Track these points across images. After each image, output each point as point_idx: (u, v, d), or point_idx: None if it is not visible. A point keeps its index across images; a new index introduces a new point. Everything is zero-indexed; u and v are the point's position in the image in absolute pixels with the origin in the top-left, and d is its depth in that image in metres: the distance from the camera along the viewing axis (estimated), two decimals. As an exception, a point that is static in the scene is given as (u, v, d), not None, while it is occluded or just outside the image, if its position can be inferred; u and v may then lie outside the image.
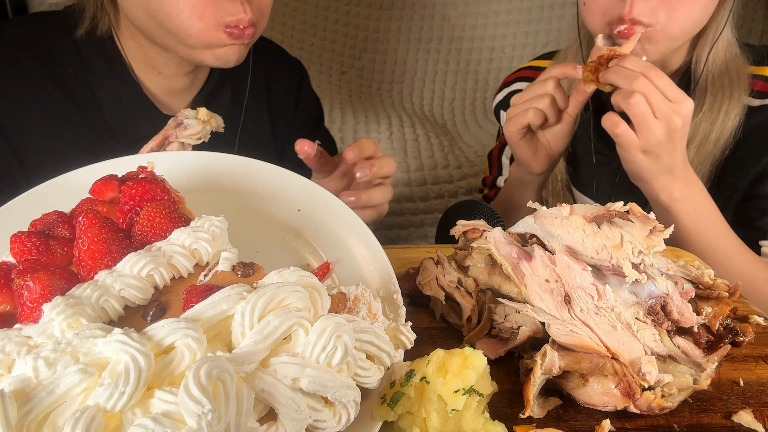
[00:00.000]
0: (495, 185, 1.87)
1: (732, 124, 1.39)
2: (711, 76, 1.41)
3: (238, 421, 0.58)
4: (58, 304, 0.65)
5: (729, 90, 1.39)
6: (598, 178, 1.60)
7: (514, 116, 1.41)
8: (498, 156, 1.88)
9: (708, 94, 1.40)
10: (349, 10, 3.21)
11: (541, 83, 1.38)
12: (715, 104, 1.39)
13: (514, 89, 1.79)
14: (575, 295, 0.84)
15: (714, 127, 1.37)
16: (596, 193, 1.62)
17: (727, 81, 1.40)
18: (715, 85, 1.40)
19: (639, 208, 0.85)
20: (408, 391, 0.71)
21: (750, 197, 1.44)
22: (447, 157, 2.79)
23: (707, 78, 1.41)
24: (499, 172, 1.88)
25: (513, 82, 1.82)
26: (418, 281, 0.98)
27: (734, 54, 1.43)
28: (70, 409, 0.58)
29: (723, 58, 1.41)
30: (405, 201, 2.69)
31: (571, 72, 1.34)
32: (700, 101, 1.41)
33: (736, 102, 1.39)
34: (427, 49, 3.31)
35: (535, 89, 1.39)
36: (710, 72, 1.41)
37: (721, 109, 1.39)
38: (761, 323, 0.96)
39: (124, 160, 1.01)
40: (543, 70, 1.69)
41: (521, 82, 1.79)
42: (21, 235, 0.75)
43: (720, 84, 1.40)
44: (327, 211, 1.01)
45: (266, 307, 0.65)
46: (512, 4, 3.24)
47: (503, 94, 1.83)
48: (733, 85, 1.40)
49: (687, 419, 0.78)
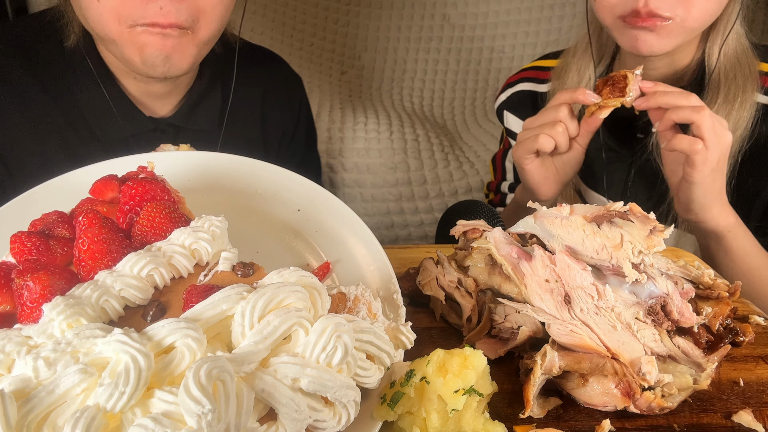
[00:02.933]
0: (499, 190, 1.86)
1: (747, 114, 1.39)
2: (723, 68, 1.41)
3: (238, 421, 0.58)
4: (58, 304, 0.65)
5: (742, 82, 1.40)
6: (610, 176, 1.59)
7: (523, 140, 1.39)
8: (502, 160, 1.87)
9: (722, 86, 1.40)
10: (349, 10, 3.21)
11: (554, 109, 1.36)
12: (729, 96, 1.39)
13: (518, 90, 1.77)
14: (575, 295, 0.84)
15: (730, 118, 1.37)
16: (608, 190, 1.62)
17: (739, 73, 1.40)
18: (728, 77, 1.40)
19: (639, 208, 0.85)
20: (408, 391, 0.71)
21: None
22: (447, 157, 2.79)
23: (720, 71, 1.41)
24: (503, 177, 1.86)
25: (517, 83, 1.80)
26: (418, 281, 0.98)
27: (744, 47, 1.43)
28: (70, 409, 0.58)
29: (734, 51, 1.41)
30: (405, 201, 2.69)
31: (582, 98, 1.33)
32: (714, 94, 1.40)
33: (749, 94, 1.39)
34: (427, 49, 3.31)
35: (548, 115, 1.36)
36: (723, 65, 1.41)
37: (736, 101, 1.39)
38: (761, 323, 0.96)
39: (124, 160, 1.01)
40: (548, 70, 1.69)
41: (525, 82, 1.77)
42: (21, 235, 0.75)
43: (733, 76, 1.40)
44: (327, 211, 1.01)
45: (266, 307, 0.65)
46: (512, 4, 3.24)
47: (506, 94, 1.81)
48: (745, 77, 1.40)
49: (687, 419, 0.78)
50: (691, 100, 1.20)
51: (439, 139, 2.89)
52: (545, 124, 1.36)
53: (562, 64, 1.61)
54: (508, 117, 1.79)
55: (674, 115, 1.23)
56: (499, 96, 1.84)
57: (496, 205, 1.83)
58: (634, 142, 1.52)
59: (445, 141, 2.90)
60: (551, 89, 1.64)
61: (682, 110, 1.22)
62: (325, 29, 3.23)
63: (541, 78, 1.72)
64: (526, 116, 1.72)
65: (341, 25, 3.24)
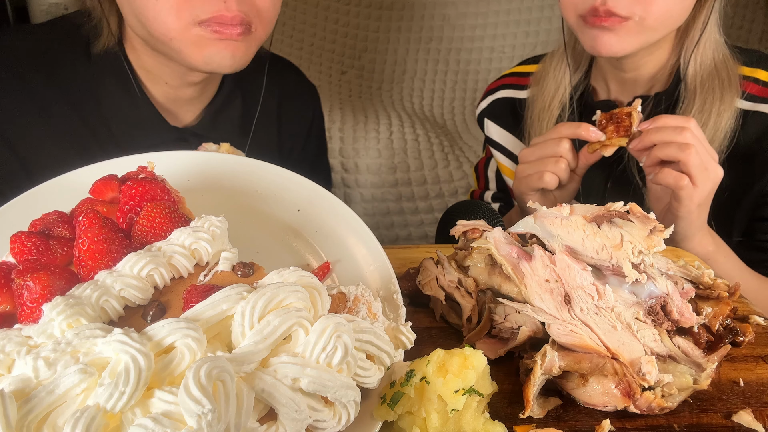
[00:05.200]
0: (483, 199, 1.83)
1: (725, 125, 1.37)
2: (700, 78, 1.39)
3: (238, 421, 0.58)
4: (58, 304, 0.65)
5: (720, 91, 1.38)
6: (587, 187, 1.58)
7: (526, 176, 1.37)
8: (484, 169, 1.85)
9: (698, 95, 1.38)
10: (349, 10, 3.21)
11: (554, 142, 1.33)
12: (705, 106, 1.37)
13: (499, 97, 1.75)
14: (575, 295, 0.84)
15: (706, 129, 1.36)
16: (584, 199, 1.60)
17: (717, 82, 1.39)
18: (704, 87, 1.38)
19: (639, 208, 0.85)
20: (408, 391, 0.71)
21: (757, 219, 1.43)
22: (447, 157, 2.79)
23: (696, 80, 1.39)
24: (486, 186, 1.84)
25: (497, 90, 1.77)
26: (418, 281, 0.98)
27: (723, 55, 1.41)
28: (70, 409, 0.58)
29: (711, 59, 1.39)
30: (405, 201, 2.69)
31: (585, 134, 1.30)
32: (690, 103, 1.39)
33: (728, 104, 1.37)
34: (427, 49, 3.31)
35: (548, 148, 1.34)
36: (698, 74, 1.39)
37: (712, 111, 1.37)
38: (761, 323, 0.96)
39: (124, 160, 1.01)
40: (528, 75, 1.67)
41: (505, 89, 1.75)
42: (21, 235, 0.75)
43: (710, 86, 1.38)
44: (327, 211, 1.01)
45: (266, 307, 0.65)
46: (512, 4, 3.24)
47: (487, 101, 1.78)
48: (723, 87, 1.38)
49: (687, 419, 0.78)
50: (685, 136, 1.18)
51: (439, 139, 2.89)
52: (546, 159, 1.34)
53: (540, 70, 1.60)
54: (489, 125, 1.76)
55: (660, 153, 1.21)
56: (480, 103, 1.81)
57: None
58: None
59: (445, 141, 2.90)
60: (530, 95, 1.62)
61: (668, 147, 1.20)
62: (325, 29, 3.23)
63: (521, 84, 1.69)
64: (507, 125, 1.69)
65: (341, 25, 3.24)
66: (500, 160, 1.76)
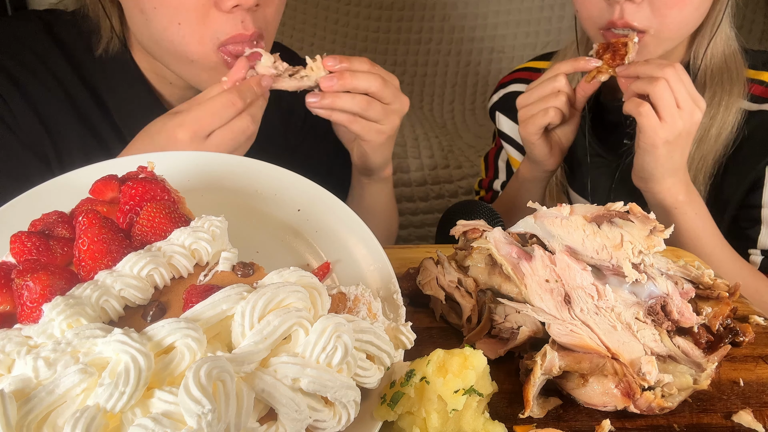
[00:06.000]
0: (491, 188, 1.86)
1: (732, 119, 1.38)
2: (710, 71, 1.41)
3: (238, 421, 0.58)
4: (58, 304, 0.65)
5: (728, 86, 1.39)
6: (595, 181, 1.60)
7: (530, 117, 1.40)
8: (494, 159, 1.87)
9: (707, 89, 1.40)
10: (349, 10, 3.21)
11: (551, 80, 1.37)
12: (714, 99, 1.39)
13: (511, 91, 1.78)
14: (575, 295, 0.84)
15: (714, 122, 1.37)
16: (592, 195, 1.62)
17: (726, 76, 1.40)
18: (714, 80, 1.40)
19: (639, 208, 0.85)
20: (408, 391, 0.71)
21: (743, 206, 1.44)
22: (447, 157, 2.79)
23: (706, 73, 1.41)
24: (495, 176, 1.87)
25: (509, 84, 1.81)
26: (418, 281, 0.98)
27: (733, 50, 1.42)
28: (70, 409, 0.58)
29: (722, 54, 1.41)
30: (405, 201, 2.69)
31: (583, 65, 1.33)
32: None
33: (735, 98, 1.39)
34: (427, 50, 3.31)
35: (546, 87, 1.37)
36: (708, 67, 1.41)
37: (721, 104, 1.38)
38: (761, 323, 0.96)
39: (124, 160, 1.01)
40: (540, 71, 1.69)
41: (518, 83, 1.78)
42: (21, 235, 0.75)
43: (719, 80, 1.40)
44: (327, 211, 1.01)
45: (266, 307, 0.65)
46: (512, 4, 3.25)
47: (499, 95, 1.82)
48: (732, 81, 1.40)
49: (687, 419, 0.78)
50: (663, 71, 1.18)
51: (439, 139, 2.89)
52: (547, 97, 1.37)
53: None
54: (500, 118, 1.79)
55: (633, 86, 1.22)
56: (492, 96, 1.84)
57: (488, 202, 1.83)
58: (620, 148, 1.53)
59: (445, 141, 2.90)
60: None
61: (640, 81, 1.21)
62: (325, 29, 3.23)
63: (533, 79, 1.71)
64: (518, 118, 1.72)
65: (341, 25, 3.24)
66: (511, 153, 1.78)
